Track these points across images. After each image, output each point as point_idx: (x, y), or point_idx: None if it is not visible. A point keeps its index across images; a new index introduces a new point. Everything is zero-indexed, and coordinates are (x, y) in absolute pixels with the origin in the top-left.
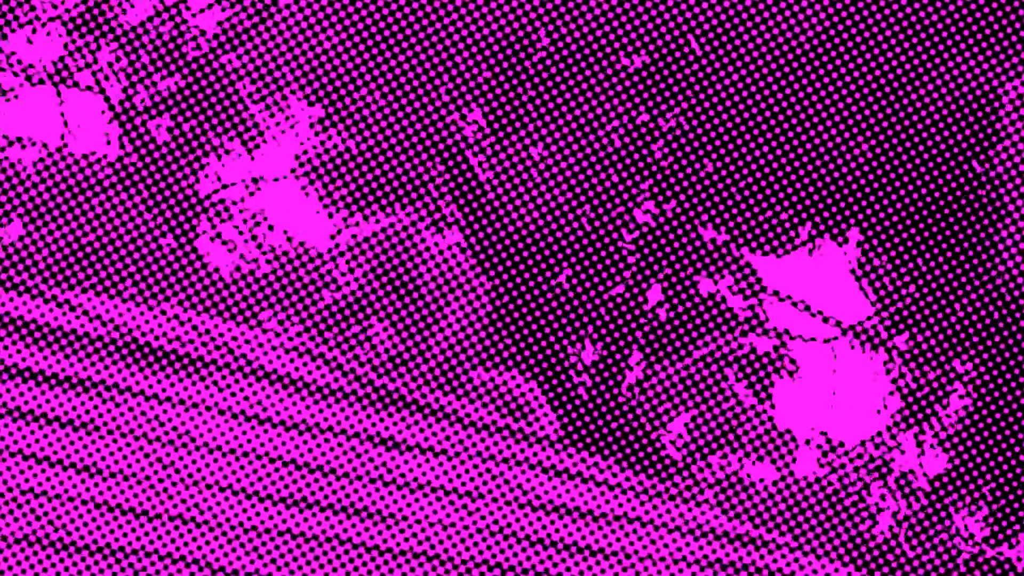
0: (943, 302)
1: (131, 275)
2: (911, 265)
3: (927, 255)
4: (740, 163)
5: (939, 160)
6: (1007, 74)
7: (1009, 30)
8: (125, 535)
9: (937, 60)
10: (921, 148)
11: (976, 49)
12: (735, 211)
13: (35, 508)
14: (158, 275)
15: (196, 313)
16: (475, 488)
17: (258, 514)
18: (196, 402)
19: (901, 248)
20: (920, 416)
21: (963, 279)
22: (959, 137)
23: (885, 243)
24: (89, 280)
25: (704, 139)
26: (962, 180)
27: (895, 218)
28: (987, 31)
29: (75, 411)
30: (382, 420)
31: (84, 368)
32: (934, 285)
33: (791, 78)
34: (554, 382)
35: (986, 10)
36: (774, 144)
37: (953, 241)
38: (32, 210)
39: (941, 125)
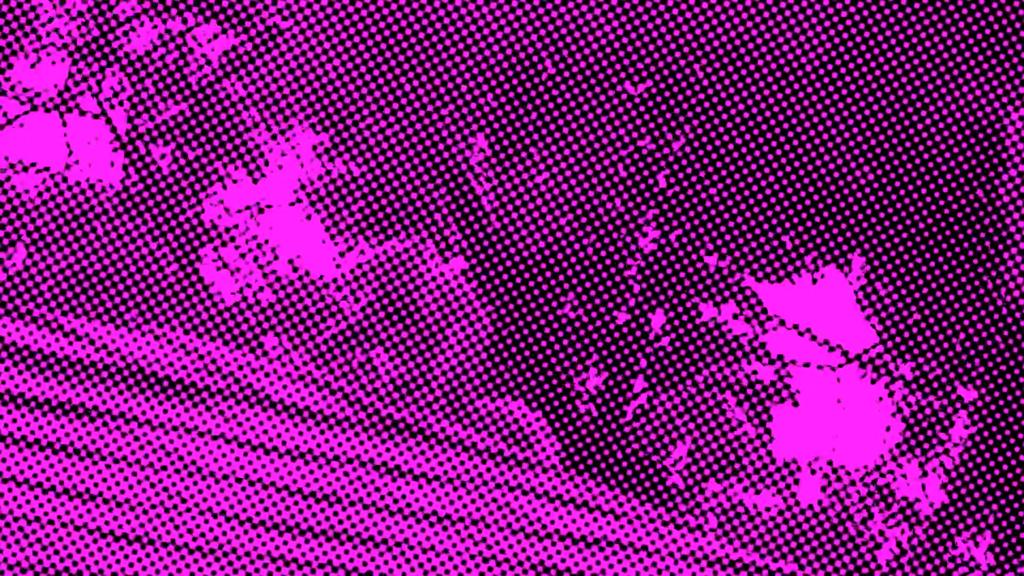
0: (947, 329)
1: (134, 302)
2: (915, 292)
3: (931, 282)
4: (743, 190)
5: (943, 187)
6: (1013, 102)
7: (1015, 59)
8: (126, 563)
9: (942, 88)
10: (925, 175)
11: (981, 76)
12: (738, 238)
13: (41, 537)
14: (161, 302)
15: (199, 340)
16: (478, 516)
17: (261, 541)
18: (199, 430)
19: (905, 275)
20: (924, 444)
21: (967, 306)
22: (963, 164)
23: (889, 270)
24: (92, 307)
25: (708, 166)
26: (966, 207)
27: (899, 244)
28: (992, 59)
29: (76, 438)
30: (385, 448)
31: (87, 396)
32: (938, 312)
33: (795, 106)
34: (557, 409)
35: (992, 39)
36: (778, 171)
37: (957, 267)
38: (35, 237)
39: (945, 152)
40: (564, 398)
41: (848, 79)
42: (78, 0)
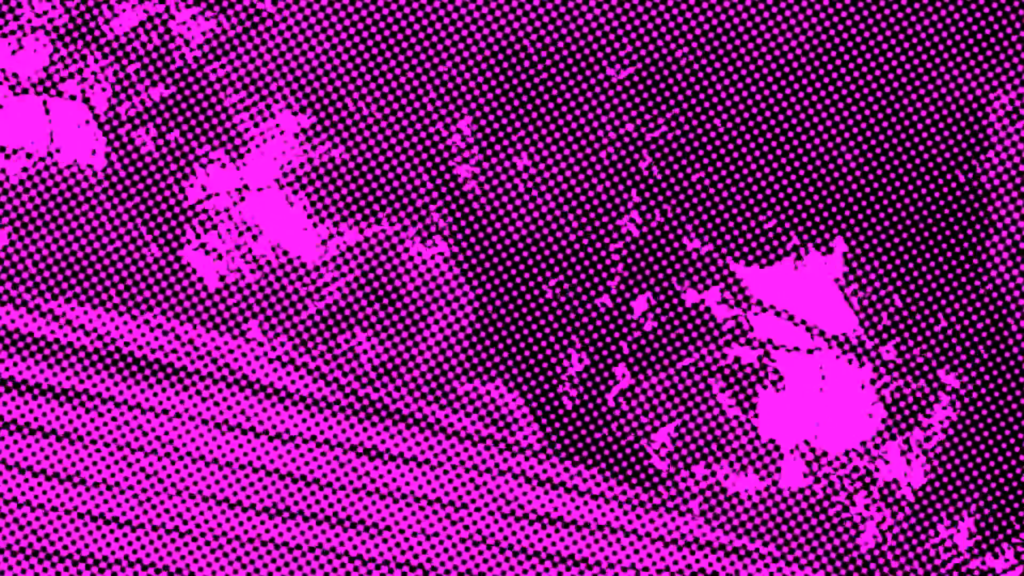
0: (929, 313)
1: (116, 285)
2: (897, 276)
3: (913, 266)
4: (726, 174)
5: (926, 170)
6: (996, 84)
7: (999, 39)
8: (109, 545)
9: (925, 70)
10: (908, 158)
11: (965, 58)
12: (721, 222)
13: (18, 519)
14: (143, 285)
15: (181, 323)
16: (459, 498)
17: (242, 525)
18: (181, 413)
19: (887, 259)
20: (905, 427)
21: (949, 290)
22: (947, 147)
23: (871, 254)
24: (74, 291)
25: (691, 150)
26: (949, 191)
27: (881, 229)
28: (977, 40)
29: (59, 422)
30: (366, 431)
31: (69, 379)
32: (920, 296)
33: (778, 89)
34: (539, 393)
35: (975, 19)
36: (760, 155)
37: (939, 252)
38: (17, 221)
39: (929, 135)
40: (547, 382)
41: (832, 64)
42: None
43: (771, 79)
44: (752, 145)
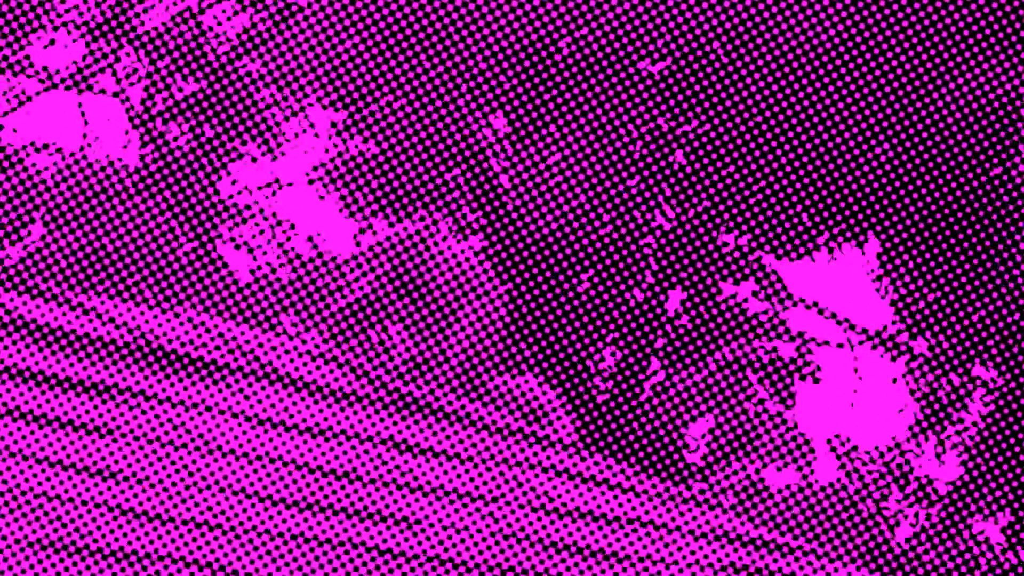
0: (962, 307)
1: (151, 280)
2: (930, 270)
3: (947, 261)
4: (760, 168)
5: (959, 165)
6: None
7: None
8: (139, 539)
9: (960, 65)
10: (941, 153)
11: (1000, 55)
12: (756, 216)
13: (50, 512)
14: (178, 280)
15: (213, 318)
16: (493, 492)
17: (272, 519)
18: (217, 408)
19: (920, 253)
20: (940, 422)
21: (983, 285)
22: (980, 142)
23: (904, 248)
24: (107, 285)
25: (724, 144)
26: (982, 186)
27: (914, 223)
28: (1012, 37)
29: (97, 417)
30: (400, 424)
31: (100, 373)
32: (953, 290)
33: (811, 84)
34: (573, 387)
35: (1012, 16)
36: (794, 149)
37: (972, 247)
38: (53, 215)
39: (962, 130)
40: (580, 376)
41: (867, 60)
42: None
43: (806, 74)
44: (785, 139)
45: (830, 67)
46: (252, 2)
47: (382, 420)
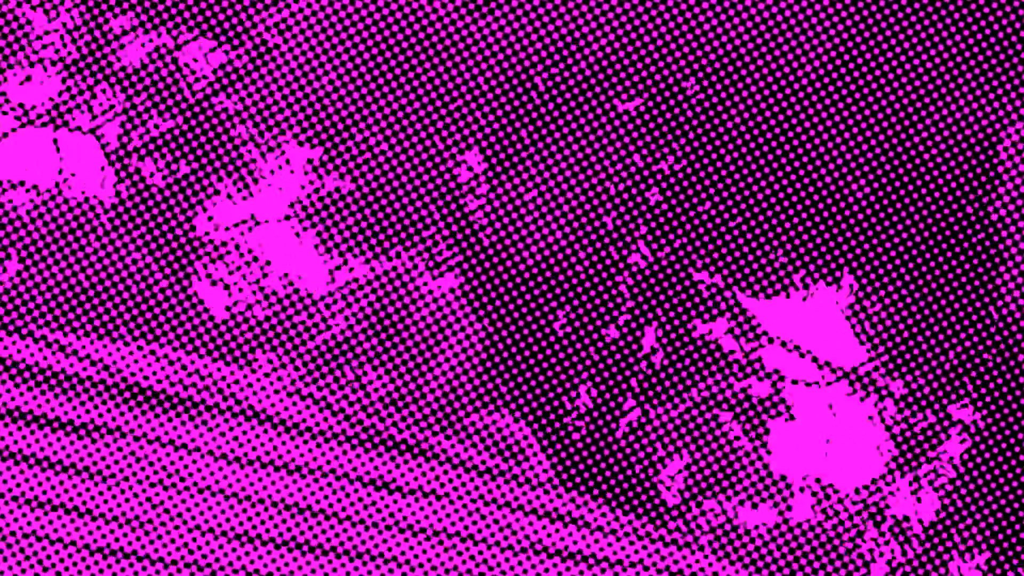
0: (938, 346)
1: (126, 317)
2: (905, 308)
3: (923, 299)
4: (735, 207)
5: (935, 203)
6: (1007, 117)
7: (1011, 73)
8: None
9: (937, 102)
10: (917, 191)
11: (977, 89)
12: (730, 254)
13: (23, 550)
14: (153, 317)
15: (189, 355)
16: (470, 531)
17: (248, 555)
18: (192, 445)
19: (896, 291)
20: (916, 461)
21: (959, 323)
22: (957, 180)
23: (879, 287)
24: (83, 322)
25: (699, 183)
26: (959, 223)
27: (889, 260)
28: (988, 71)
29: (70, 454)
30: (377, 463)
31: (80, 411)
32: (929, 329)
33: (786, 123)
34: (548, 425)
35: (987, 53)
36: (769, 188)
37: (949, 285)
38: (27, 252)
39: (939, 168)
40: (556, 414)
41: (840, 96)
42: (70, 15)
43: (779, 112)
44: (761, 176)
45: (805, 103)
46: (228, 40)
47: (358, 457)
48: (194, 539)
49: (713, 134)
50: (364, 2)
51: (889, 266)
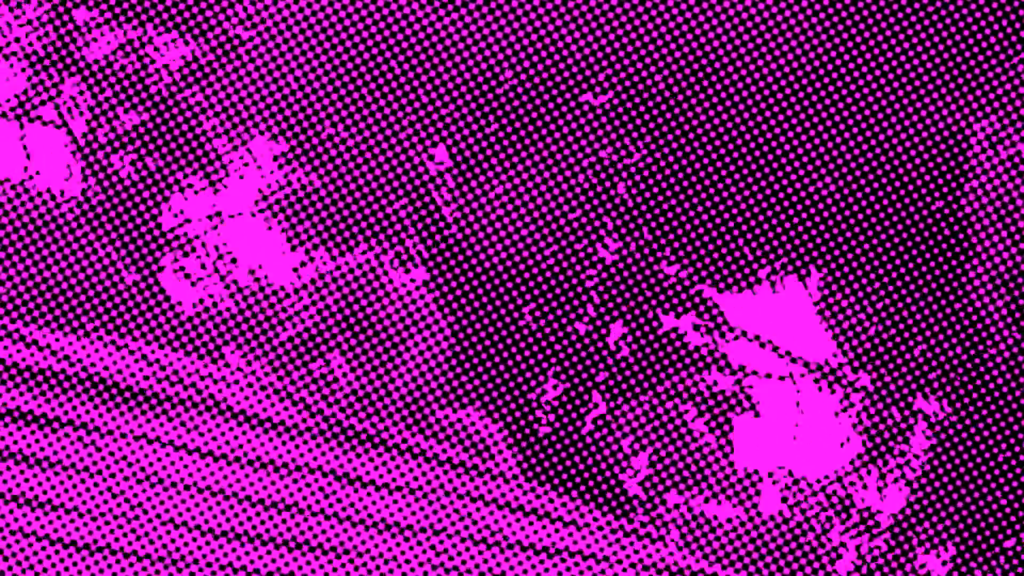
0: (906, 340)
1: (94, 312)
2: (874, 303)
3: (890, 292)
4: (703, 201)
5: (905, 198)
6: (977, 111)
7: (983, 67)
8: (80, 573)
9: (906, 98)
10: (887, 184)
11: (944, 87)
12: (698, 248)
13: (2, 547)
14: (119, 311)
15: (157, 349)
16: (438, 526)
17: (214, 552)
18: (159, 440)
19: (864, 285)
20: (883, 454)
21: (926, 317)
22: (927, 174)
23: (847, 281)
24: (49, 317)
25: (667, 177)
26: (929, 216)
27: (858, 255)
28: (957, 69)
29: (38, 448)
30: (343, 457)
31: (46, 405)
32: (897, 323)
33: (754, 116)
34: (516, 419)
35: (957, 47)
36: (737, 180)
37: (917, 279)
38: None
39: (909, 162)
40: (523, 408)
41: (810, 91)
42: (36, 9)
43: (747, 106)
44: (729, 171)
45: (772, 100)
46: (196, 33)
47: (325, 452)
48: (160, 535)
49: (681, 128)
50: None
51: (856, 262)
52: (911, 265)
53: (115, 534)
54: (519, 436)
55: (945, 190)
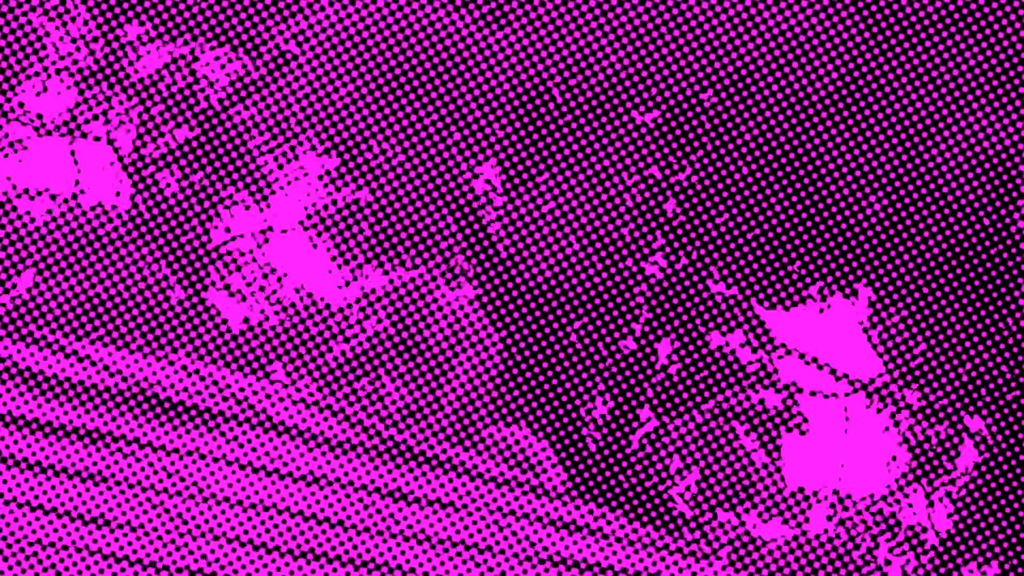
0: (954, 357)
1: (141, 327)
2: (922, 320)
3: (939, 311)
4: (751, 218)
5: (953, 215)
6: None
7: None
8: None
9: (957, 115)
10: (935, 202)
11: (998, 104)
12: (746, 266)
13: (49, 561)
14: (168, 327)
15: (206, 365)
16: (486, 541)
17: (272, 566)
18: (207, 454)
19: (912, 303)
20: (930, 473)
21: (974, 334)
22: (976, 193)
23: (896, 297)
24: (100, 332)
25: (715, 194)
26: (976, 236)
27: (907, 272)
28: (1012, 82)
29: (88, 463)
30: (391, 473)
31: (93, 420)
32: (945, 340)
33: (804, 132)
34: (564, 436)
35: (1012, 65)
36: (786, 197)
37: (965, 296)
38: (43, 261)
39: (957, 180)
40: (571, 425)
41: (859, 108)
42: (86, 24)
43: (797, 123)
44: (777, 188)
45: (821, 120)
46: (244, 49)
47: (373, 469)
48: (212, 549)
49: (730, 145)
50: (381, 13)
51: (907, 277)
52: (959, 283)
53: (166, 549)
54: (567, 453)
55: (995, 207)
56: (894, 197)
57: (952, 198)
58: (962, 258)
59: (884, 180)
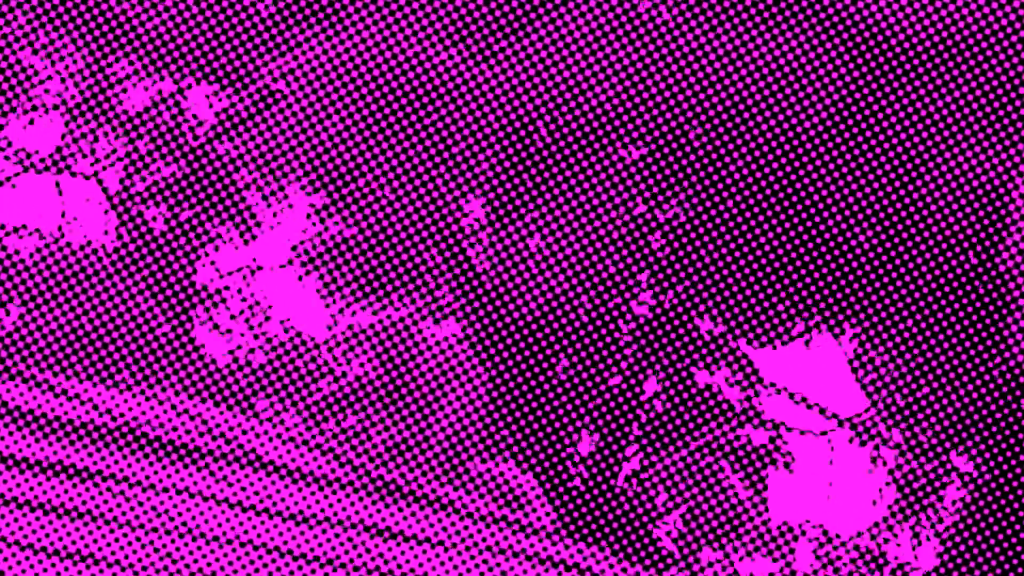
0: (940, 395)
1: (128, 363)
2: (908, 358)
3: (925, 350)
4: (738, 256)
5: (941, 254)
6: (1019, 167)
7: (1021, 123)
8: None
9: (945, 154)
10: (922, 242)
11: (986, 142)
12: (732, 303)
13: None
14: (154, 363)
15: (192, 401)
16: None
17: None
18: (193, 491)
19: (900, 342)
20: (916, 509)
21: (962, 372)
22: (963, 230)
23: (882, 336)
24: (85, 368)
25: (702, 231)
26: (964, 273)
27: (893, 310)
28: (997, 124)
29: (71, 500)
30: (380, 510)
31: (82, 457)
32: (931, 378)
33: (789, 171)
34: (551, 473)
35: (999, 100)
36: (774, 236)
37: (951, 334)
38: (30, 297)
39: (945, 218)
40: (558, 462)
41: (846, 145)
42: (73, 60)
43: (789, 161)
44: (763, 224)
45: (813, 154)
46: (231, 86)
47: (364, 506)
48: None
49: (718, 182)
50: (368, 48)
51: (892, 316)
52: (946, 320)
53: None
54: (553, 490)
55: (983, 246)
56: (884, 236)
57: (938, 235)
58: (949, 295)
59: (872, 219)
